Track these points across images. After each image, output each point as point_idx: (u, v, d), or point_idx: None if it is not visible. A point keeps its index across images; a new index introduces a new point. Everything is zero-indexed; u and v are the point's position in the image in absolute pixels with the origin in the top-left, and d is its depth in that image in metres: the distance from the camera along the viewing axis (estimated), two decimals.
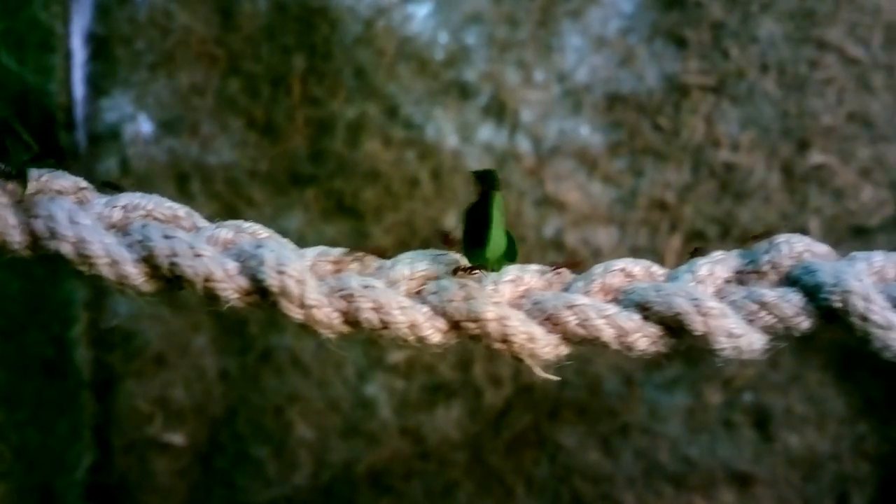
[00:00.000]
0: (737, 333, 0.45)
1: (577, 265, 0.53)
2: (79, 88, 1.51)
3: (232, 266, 0.47)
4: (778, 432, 1.48)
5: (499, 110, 1.50)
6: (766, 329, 0.47)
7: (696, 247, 0.54)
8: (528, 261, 0.56)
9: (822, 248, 0.50)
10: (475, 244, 0.47)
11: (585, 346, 0.47)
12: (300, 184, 1.50)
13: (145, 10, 1.50)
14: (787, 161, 1.46)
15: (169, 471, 1.52)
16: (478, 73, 1.49)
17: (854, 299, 0.45)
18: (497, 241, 0.47)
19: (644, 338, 0.47)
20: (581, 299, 0.48)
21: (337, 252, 0.49)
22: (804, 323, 0.47)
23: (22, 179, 0.51)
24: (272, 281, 0.45)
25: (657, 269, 0.51)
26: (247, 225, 0.51)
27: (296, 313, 0.45)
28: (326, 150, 1.50)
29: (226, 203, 1.50)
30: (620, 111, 1.48)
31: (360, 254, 0.49)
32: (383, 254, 0.50)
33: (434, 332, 0.47)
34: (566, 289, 0.50)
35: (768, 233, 0.52)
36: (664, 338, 0.47)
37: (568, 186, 1.48)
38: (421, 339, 0.47)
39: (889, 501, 1.49)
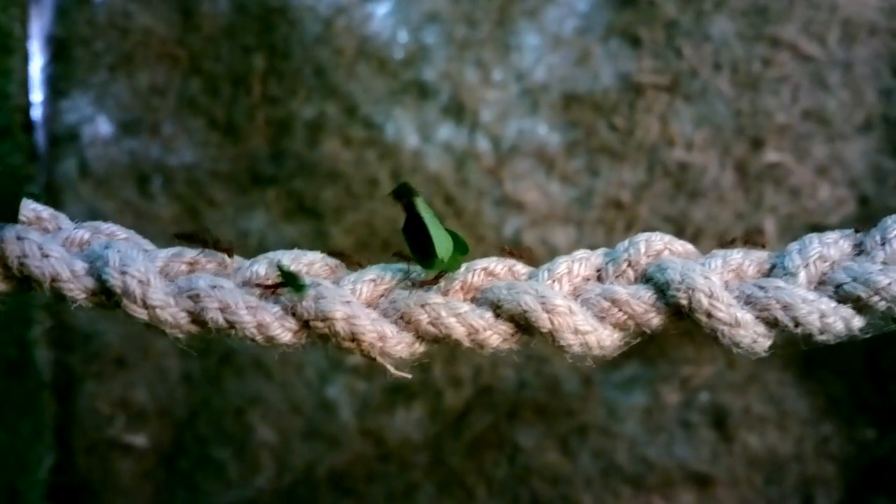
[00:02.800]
0: (583, 330, 0.45)
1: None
2: (38, 90, 1.51)
3: (80, 267, 0.47)
4: (737, 432, 1.47)
5: (458, 110, 1.49)
6: (618, 325, 0.46)
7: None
8: None
9: (683, 246, 0.49)
10: (424, 257, 0.48)
11: (442, 343, 0.47)
12: (261, 184, 1.50)
13: (104, 12, 1.50)
14: (741, 160, 1.45)
15: (131, 472, 1.52)
16: (437, 73, 1.49)
17: (698, 296, 0.44)
18: (443, 244, 0.47)
19: (495, 335, 0.47)
20: (434, 298, 0.47)
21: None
22: (654, 319, 0.46)
23: None
24: (114, 281, 0.45)
25: (520, 268, 0.50)
26: (105, 226, 0.51)
27: (139, 313, 0.45)
28: (287, 151, 1.49)
29: (187, 204, 1.50)
30: (577, 110, 1.47)
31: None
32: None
33: (284, 331, 0.47)
34: (428, 288, 0.49)
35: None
36: (515, 335, 0.47)
37: (526, 186, 1.48)
38: (270, 339, 0.46)
39: (856, 503, 1.47)
